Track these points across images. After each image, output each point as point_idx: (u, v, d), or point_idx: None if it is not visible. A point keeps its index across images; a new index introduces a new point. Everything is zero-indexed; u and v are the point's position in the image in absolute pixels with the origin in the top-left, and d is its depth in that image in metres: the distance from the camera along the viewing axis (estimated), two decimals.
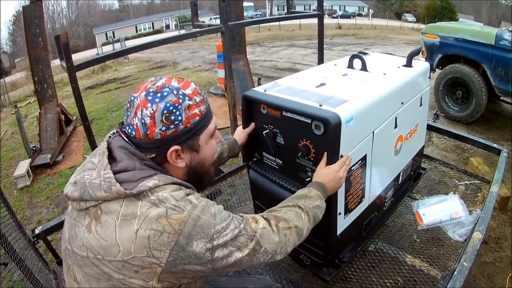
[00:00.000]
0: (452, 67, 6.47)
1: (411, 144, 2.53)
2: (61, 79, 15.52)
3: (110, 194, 1.11)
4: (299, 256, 2.21)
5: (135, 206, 1.11)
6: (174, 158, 1.24)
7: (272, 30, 35.74)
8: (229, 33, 3.34)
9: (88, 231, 1.13)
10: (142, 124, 1.17)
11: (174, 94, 1.19)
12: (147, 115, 1.16)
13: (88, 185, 1.13)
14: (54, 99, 7.76)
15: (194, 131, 1.25)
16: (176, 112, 1.19)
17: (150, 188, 1.14)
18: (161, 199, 1.13)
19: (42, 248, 2.87)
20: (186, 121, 1.21)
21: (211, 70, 14.79)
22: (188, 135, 1.24)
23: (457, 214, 2.64)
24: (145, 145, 1.20)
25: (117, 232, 1.09)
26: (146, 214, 1.09)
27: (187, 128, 1.22)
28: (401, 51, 17.09)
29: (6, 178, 6.44)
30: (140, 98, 1.18)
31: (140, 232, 1.07)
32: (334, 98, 1.82)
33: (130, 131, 1.21)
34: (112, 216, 1.11)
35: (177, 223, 1.09)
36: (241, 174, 3.34)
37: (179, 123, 1.20)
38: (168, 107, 1.17)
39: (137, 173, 1.17)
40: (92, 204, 1.14)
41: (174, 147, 1.22)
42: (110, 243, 1.09)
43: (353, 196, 1.96)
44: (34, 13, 7.24)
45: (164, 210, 1.10)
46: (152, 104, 1.17)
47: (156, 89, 1.19)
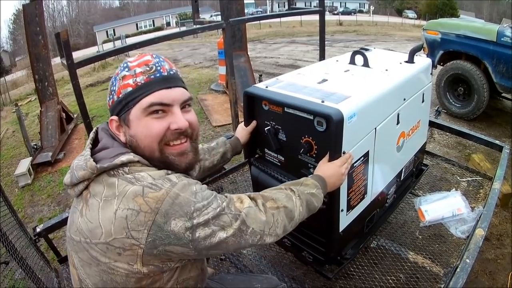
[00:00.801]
0: (453, 63, 6.46)
1: (413, 141, 2.52)
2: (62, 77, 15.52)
3: (87, 171, 1.12)
4: (301, 252, 2.21)
5: (113, 186, 1.11)
6: (115, 129, 1.25)
7: (273, 27, 35.67)
8: (230, 29, 3.34)
9: (81, 215, 1.14)
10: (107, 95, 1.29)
11: (121, 67, 1.24)
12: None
13: (75, 168, 1.16)
14: (55, 97, 7.76)
15: (125, 103, 1.21)
16: (114, 82, 1.24)
17: (123, 162, 1.14)
18: (137, 177, 1.12)
19: (44, 246, 2.87)
20: (118, 91, 1.22)
21: (212, 67, 14.77)
22: (119, 106, 1.22)
23: (459, 210, 2.63)
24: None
25: (100, 214, 1.09)
26: (123, 193, 1.09)
27: (119, 98, 1.21)
28: (402, 47, 17.07)
29: (7, 177, 6.45)
30: None
31: (118, 212, 1.07)
32: (336, 94, 1.82)
33: None
34: (97, 198, 1.11)
35: (154, 202, 1.07)
36: (243, 171, 3.33)
37: (114, 94, 1.23)
38: (111, 79, 1.25)
39: (113, 150, 1.19)
40: (82, 188, 1.15)
41: (112, 117, 1.24)
42: (94, 225, 1.09)
43: (356, 193, 1.96)
44: (35, 11, 7.24)
45: (140, 188, 1.09)
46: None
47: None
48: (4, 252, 2.44)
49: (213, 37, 25.82)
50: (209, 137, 6.67)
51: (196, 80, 11.77)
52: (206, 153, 1.98)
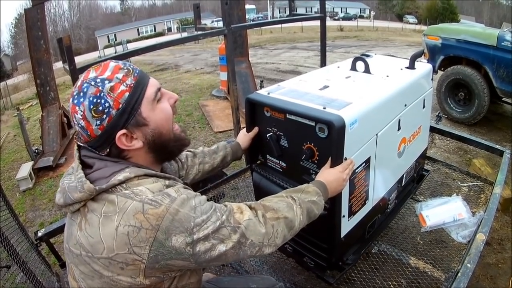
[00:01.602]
0: (454, 68, 6.47)
1: (414, 146, 2.53)
2: (63, 81, 15.56)
3: (84, 193, 1.12)
4: (303, 258, 2.21)
5: (113, 202, 1.11)
6: (126, 142, 1.20)
7: (274, 33, 35.72)
8: (232, 35, 3.35)
9: (80, 229, 1.14)
10: (81, 128, 1.16)
11: (92, 85, 1.15)
12: (80, 118, 1.15)
13: (67, 189, 1.15)
14: (57, 102, 7.77)
15: (130, 108, 1.19)
16: (101, 101, 1.14)
17: (120, 181, 1.14)
18: (136, 192, 1.12)
19: (45, 250, 2.87)
20: (115, 104, 1.16)
21: (213, 72, 14.78)
22: (126, 116, 1.18)
23: (460, 215, 2.63)
24: (95, 144, 1.20)
25: (101, 229, 1.10)
26: (124, 209, 1.09)
27: (120, 109, 1.17)
28: (403, 53, 17.09)
29: (9, 181, 6.46)
30: (70, 106, 1.17)
31: (119, 228, 1.08)
32: (338, 101, 1.83)
33: (79, 138, 1.22)
34: (96, 214, 1.12)
35: (154, 219, 1.08)
36: (244, 177, 3.34)
37: (110, 109, 1.15)
38: (92, 101, 1.14)
39: (108, 169, 1.18)
40: (78, 207, 1.15)
41: (120, 132, 1.18)
42: (96, 240, 1.10)
43: (357, 199, 1.96)
44: (36, 15, 7.26)
45: (140, 205, 1.09)
46: (78, 106, 1.14)
47: (77, 90, 1.16)
48: (6, 256, 2.45)
49: (214, 43, 25.85)
50: (210, 143, 6.67)
51: (198, 86, 11.79)
52: (206, 156, 1.99)
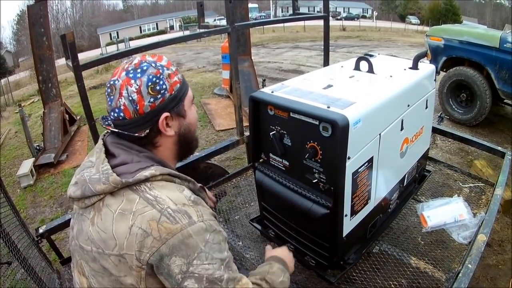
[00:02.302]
0: (456, 69, 6.47)
1: (417, 147, 2.54)
2: (65, 78, 15.60)
3: (108, 185, 1.12)
4: (304, 257, 2.22)
5: (133, 202, 1.12)
6: (165, 126, 1.27)
7: (276, 32, 35.75)
8: (236, 34, 3.35)
9: (92, 224, 1.15)
10: (130, 102, 1.19)
11: (153, 67, 1.23)
12: (133, 91, 1.19)
13: (88, 181, 1.16)
14: (58, 99, 7.79)
15: (179, 97, 1.29)
16: (159, 82, 1.22)
17: (146, 177, 1.15)
18: (159, 200, 1.13)
19: (46, 247, 2.88)
20: (170, 89, 1.25)
21: (215, 71, 14.79)
22: (174, 102, 1.28)
23: (462, 216, 2.64)
24: (137, 122, 1.22)
25: (114, 225, 1.11)
26: (141, 212, 1.10)
27: (173, 95, 1.26)
28: (405, 53, 17.11)
29: (10, 177, 6.47)
30: (121, 79, 1.22)
31: (133, 228, 1.09)
32: (342, 100, 1.83)
33: (117, 115, 1.22)
34: (111, 209, 1.13)
35: (165, 232, 1.08)
36: (246, 175, 3.34)
37: (165, 91, 1.24)
38: (151, 79, 1.21)
39: (134, 165, 1.19)
40: (95, 200, 1.16)
41: (164, 114, 1.25)
42: (108, 236, 1.11)
43: (359, 198, 1.97)
44: (39, 12, 7.27)
45: (158, 215, 1.10)
46: (135, 80, 1.20)
47: (134, 66, 1.23)
48: (7, 253, 2.45)
49: (216, 41, 25.85)
50: (212, 141, 6.68)
51: (200, 84, 11.80)
52: None
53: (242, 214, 2.98)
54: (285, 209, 2.19)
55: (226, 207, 3.05)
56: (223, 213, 2.98)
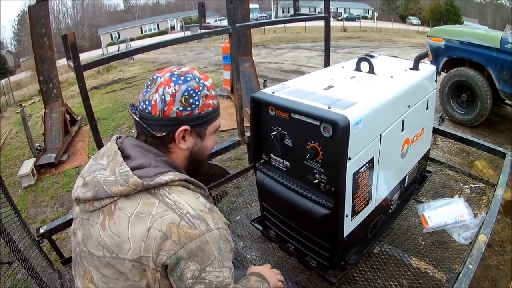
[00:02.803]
0: (457, 70, 6.46)
1: (417, 147, 2.54)
2: (66, 79, 15.61)
3: (127, 187, 1.12)
4: (305, 257, 2.22)
5: (152, 205, 1.12)
6: (180, 138, 1.28)
7: (277, 32, 35.72)
8: (237, 34, 3.35)
9: (103, 229, 1.14)
10: (162, 100, 1.22)
11: (196, 81, 1.26)
12: (169, 93, 1.21)
13: (103, 183, 1.15)
14: (59, 99, 7.77)
15: (205, 120, 1.30)
16: (195, 96, 1.24)
17: (166, 181, 1.15)
18: (178, 205, 1.13)
19: (46, 247, 2.88)
20: (202, 108, 1.27)
21: (216, 71, 14.78)
22: (199, 121, 1.29)
23: (462, 217, 2.64)
24: (158, 121, 1.24)
25: (130, 228, 1.10)
26: (161, 215, 1.10)
27: (201, 114, 1.28)
28: (406, 54, 17.07)
29: (11, 177, 6.46)
30: (164, 77, 1.24)
31: (151, 231, 1.08)
32: (343, 101, 1.83)
33: (146, 107, 1.24)
34: (126, 212, 1.12)
35: (185, 236, 1.09)
36: (247, 176, 3.35)
37: (196, 108, 1.25)
38: (189, 90, 1.23)
39: (152, 170, 1.19)
40: (108, 202, 1.14)
41: (184, 126, 1.26)
42: (122, 240, 1.10)
43: (360, 199, 1.97)
44: (40, 12, 7.26)
45: (178, 219, 1.10)
46: (175, 84, 1.22)
47: (180, 73, 1.26)
48: (8, 252, 2.46)
49: (217, 42, 25.86)
50: None
51: None
52: None
53: (243, 214, 2.98)
54: (286, 210, 2.19)
55: (227, 208, 3.06)
56: (224, 214, 2.98)
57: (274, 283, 1.66)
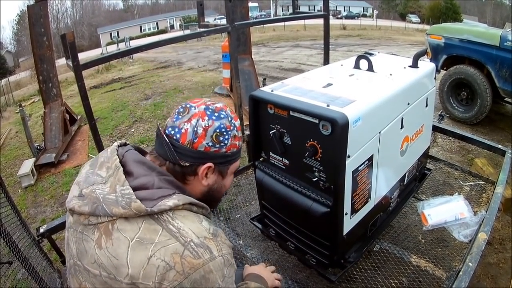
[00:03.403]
0: (456, 68, 6.46)
1: (417, 145, 2.54)
2: (65, 78, 15.61)
3: (129, 211, 1.09)
4: (305, 256, 2.22)
5: (155, 233, 1.10)
6: (204, 174, 1.28)
7: (277, 31, 35.72)
8: (236, 33, 3.35)
9: (99, 247, 1.11)
10: (193, 132, 1.21)
11: (228, 120, 1.27)
12: (202, 126, 1.21)
13: (102, 200, 1.12)
14: (59, 98, 7.77)
15: (229, 159, 1.31)
16: (225, 135, 1.25)
17: (170, 207, 1.13)
18: (182, 232, 1.11)
19: (46, 247, 2.88)
20: (229, 147, 1.28)
21: (215, 70, 14.79)
22: (224, 160, 1.30)
23: (462, 215, 2.64)
24: (185, 151, 1.22)
25: (129, 253, 1.07)
26: (164, 244, 1.08)
27: (227, 153, 1.28)
28: (405, 52, 17.07)
29: (11, 177, 6.47)
30: (198, 109, 1.24)
31: (152, 259, 1.06)
32: (341, 99, 1.83)
33: (174, 133, 1.23)
34: (126, 235, 1.09)
35: (189, 267, 1.07)
36: (247, 174, 3.35)
37: (224, 146, 1.26)
38: (221, 128, 1.24)
39: (156, 192, 1.16)
40: (105, 220, 1.12)
41: (209, 163, 1.26)
42: (120, 263, 1.07)
43: (360, 197, 1.97)
44: (39, 12, 7.25)
45: (181, 248, 1.08)
46: (209, 118, 1.23)
47: (215, 108, 1.26)
48: (8, 252, 2.46)
49: (216, 40, 25.82)
50: None
51: (200, 84, 11.80)
52: None
53: (243, 212, 2.99)
54: (286, 208, 2.19)
55: (226, 206, 3.06)
56: (224, 212, 2.99)
57: (272, 282, 1.68)
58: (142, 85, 13.07)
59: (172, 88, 11.68)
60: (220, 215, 2.95)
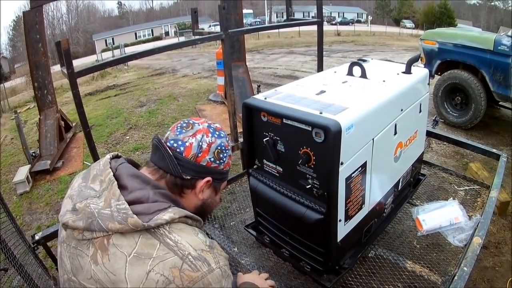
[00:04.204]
0: (451, 73, 6.49)
1: (411, 151, 2.54)
2: (61, 85, 15.59)
3: (125, 226, 1.08)
4: (299, 262, 2.22)
5: (152, 247, 1.09)
6: (202, 187, 1.33)
7: (271, 37, 35.83)
8: (229, 40, 3.36)
9: (95, 263, 1.10)
10: (198, 146, 1.28)
11: (226, 140, 1.38)
12: (206, 141, 1.30)
13: (97, 215, 1.10)
14: (54, 105, 7.77)
15: (223, 176, 1.41)
16: (225, 153, 1.36)
17: (166, 221, 1.13)
18: (179, 246, 1.11)
19: (42, 254, 2.87)
20: (226, 165, 1.38)
21: (210, 77, 14.81)
22: (220, 176, 1.38)
23: (457, 219, 2.64)
24: (188, 165, 1.27)
25: (127, 269, 1.06)
26: (162, 259, 1.07)
27: (224, 170, 1.39)
28: (400, 57, 17.15)
29: (6, 184, 6.44)
30: (202, 126, 1.33)
31: (151, 274, 1.05)
32: (334, 106, 1.84)
33: (178, 146, 1.27)
34: (122, 250, 1.08)
35: (188, 280, 1.07)
36: (241, 182, 3.35)
37: (222, 163, 1.36)
38: (222, 146, 1.35)
39: (152, 206, 1.16)
40: (100, 235, 1.11)
41: (209, 177, 1.33)
42: (118, 279, 1.06)
43: (353, 203, 1.97)
44: (35, 18, 7.26)
45: (180, 262, 1.08)
46: (212, 136, 1.32)
47: (215, 127, 1.37)
48: (3, 259, 2.45)
49: (211, 48, 25.85)
50: None
51: (195, 91, 11.82)
52: None
53: (238, 220, 2.98)
54: (280, 215, 2.19)
55: (221, 213, 3.06)
56: (219, 219, 2.98)
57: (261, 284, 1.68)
58: (137, 92, 13.08)
59: (166, 95, 11.69)
60: (215, 222, 2.94)
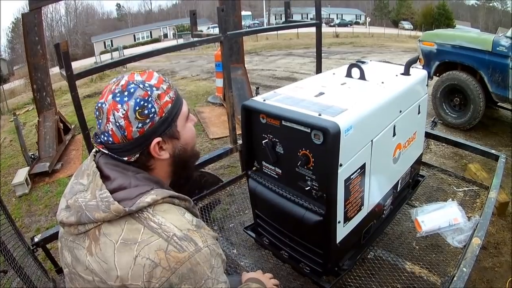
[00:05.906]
0: (449, 74, 6.49)
1: (410, 152, 2.55)
2: (60, 87, 15.55)
3: (109, 213, 1.08)
4: (298, 264, 2.22)
5: (137, 232, 1.09)
6: (158, 151, 1.22)
7: (270, 39, 35.80)
8: (228, 42, 3.36)
9: (90, 254, 1.11)
10: (118, 127, 1.15)
11: (141, 88, 1.17)
12: (120, 116, 1.14)
13: (85, 208, 1.11)
14: (53, 107, 7.75)
15: (170, 119, 1.23)
16: (148, 105, 1.16)
17: (149, 203, 1.12)
18: (163, 228, 1.10)
19: (41, 256, 2.87)
20: (160, 111, 1.19)
21: (209, 79, 14.77)
22: (165, 125, 1.22)
23: (456, 220, 2.65)
24: (126, 147, 1.18)
25: (116, 256, 1.07)
26: (147, 242, 1.07)
27: (163, 117, 1.20)
28: (398, 59, 17.14)
29: (5, 186, 6.42)
30: (108, 102, 1.15)
31: (138, 259, 1.05)
32: (333, 107, 1.84)
33: (107, 139, 1.18)
34: (111, 239, 1.09)
35: (174, 261, 1.06)
36: (240, 183, 3.35)
37: (154, 115, 1.17)
38: (139, 103, 1.15)
39: (133, 190, 1.15)
40: (92, 227, 1.11)
41: (156, 139, 1.20)
42: (109, 267, 1.07)
43: (352, 205, 1.97)
44: (34, 20, 7.24)
45: (165, 244, 1.07)
46: (122, 104, 1.14)
47: (121, 88, 1.16)
48: (3, 261, 2.45)
49: (210, 50, 25.87)
50: (206, 150, 6.66)
51: (194, 93, 11.79)
52: None
53: (237, 222, 2.98)
54: (279, 217, 2.19)
55: (220, 215, 3.06)
56: (218, 221, 2.99)
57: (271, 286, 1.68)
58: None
59: None
60: (214, 224, 2.94)
